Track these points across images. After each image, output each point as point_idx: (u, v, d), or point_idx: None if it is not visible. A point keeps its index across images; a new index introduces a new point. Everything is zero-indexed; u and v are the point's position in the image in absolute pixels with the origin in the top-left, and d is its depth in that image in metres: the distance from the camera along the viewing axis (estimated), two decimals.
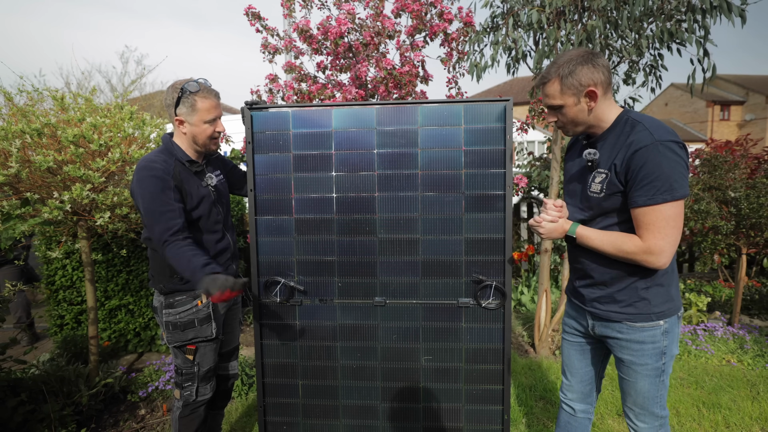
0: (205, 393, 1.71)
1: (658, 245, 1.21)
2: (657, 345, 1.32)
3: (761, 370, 2.85)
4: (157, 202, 1.45)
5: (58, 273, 3.12)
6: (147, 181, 1.46)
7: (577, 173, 1.44)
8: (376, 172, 1.79)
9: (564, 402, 1.64)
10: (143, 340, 3.26)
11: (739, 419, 2.33)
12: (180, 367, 1.67)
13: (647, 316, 1.31)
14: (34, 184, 1.98)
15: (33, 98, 2.23)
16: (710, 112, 23.52)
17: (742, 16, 2.31)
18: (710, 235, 3.40)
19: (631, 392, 1.40)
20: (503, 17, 2.88)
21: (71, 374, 2.48)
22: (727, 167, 3.35)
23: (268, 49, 2.84)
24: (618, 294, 1.34)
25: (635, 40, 2.49)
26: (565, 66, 1.27)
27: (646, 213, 1.21)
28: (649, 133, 1.20)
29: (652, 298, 1.31)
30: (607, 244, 1.29)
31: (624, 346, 1.36)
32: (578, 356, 1.55)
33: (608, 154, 1.30)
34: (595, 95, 1.27)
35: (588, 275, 1.42)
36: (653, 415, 1.39)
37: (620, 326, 1.35)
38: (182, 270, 1.46)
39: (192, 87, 1.52)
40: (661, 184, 1.17)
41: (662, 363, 1.34)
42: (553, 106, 1.33)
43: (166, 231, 1.45)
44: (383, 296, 1.83)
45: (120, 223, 2.21)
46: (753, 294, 4.01)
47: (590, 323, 1.45)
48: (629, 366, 1.37)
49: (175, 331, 1.61)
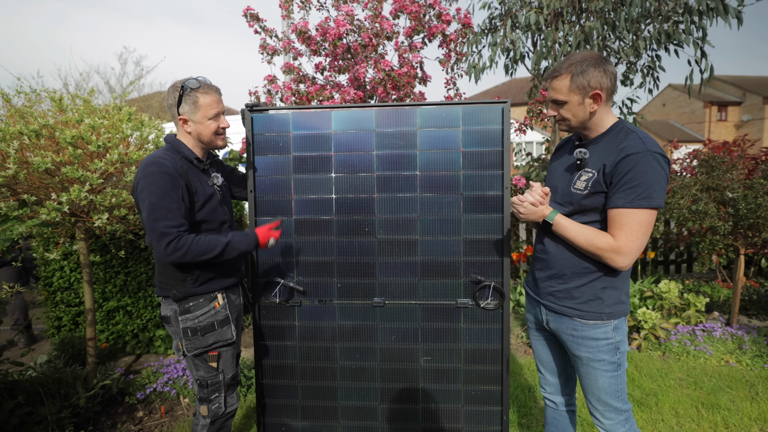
0: (233, 403, 1.63)
1: (627, 246, 1.27)
2: (610, 341, 1.40)
3: (760, 370, 2.86)
4: (166, 198, 1.40)
5: (55, 274, 3.11)
6: (157, 177, 1.41)
7: (562, 171, 1.49)
8: (375, 174, 1.80)
9: (546, 398, 1.68)
10: (141, 342, 3.25)
11: (738, 420, 2.33)
12: (203, 378, 1.57)
13: (599, 315, 1.38)
14: (32, 186, 1.98)
15: (31, 99, 2.23)
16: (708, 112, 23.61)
17: (739, 18, 2.32)
18: (708, 236, 3.41)
19: (593, 390, 1.46)
20: (501, 19, 2.89)
21: (69, 376, 2.47)
22: (725, 168, 3.36)
23: (267, 50, 2.84)
24: (576, 290, 1.40)
25: (633, 42, 2.50)
26: (578, 65, 1.31)
27: (623, 215, 1.27)
28: (641, 142, 1.26)
29: (606, 299, 1.38)
30: (581, 236, 1.33)
31: (580, 343, 1.42)
32: (544, 349, 1.61)
33: (598, 156, 1.35)
34: (599, 99, 1.32)
35: (550, 267, 1.46)
36: (617, 410, 1.45)
37: (573, 323, 1.41)
38: (210, 249, 1.46)
39: (192, 84, 1.50)
40: (642, 190, 1.23)
41: (617, 357, 1.41)
42: (557, 100, 1.37)
43: (173, 227, 1.40)
44: (382, 297, 1.83)
45: (118, 225, 2.21)
46: (751, 294, 4.02)
47: (545, 317, 1.52)
48: (587, 364, 1.43)
49: (195, 337, 1.52)
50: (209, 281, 1.56)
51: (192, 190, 1.50)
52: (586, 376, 1.45)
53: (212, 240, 1.48)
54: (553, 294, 1.46)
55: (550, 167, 1.58)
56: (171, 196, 1.41)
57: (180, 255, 1.41)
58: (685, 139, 22.51)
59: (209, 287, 1.56)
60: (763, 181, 3.17)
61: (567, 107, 1.36)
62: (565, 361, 1.62)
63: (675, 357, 3.08)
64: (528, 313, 1.64)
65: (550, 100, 1.38)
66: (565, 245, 1.41)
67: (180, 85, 1.51)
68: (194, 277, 1.53)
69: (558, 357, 1.61)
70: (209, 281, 1.56)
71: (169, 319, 1.56)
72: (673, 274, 5.30)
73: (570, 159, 1.46)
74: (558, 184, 1.48)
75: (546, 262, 1.48)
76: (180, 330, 1.54)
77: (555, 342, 1.59)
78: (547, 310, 1.49)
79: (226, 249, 1.50)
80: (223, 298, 1.59)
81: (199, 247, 1.44)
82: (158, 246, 1.40)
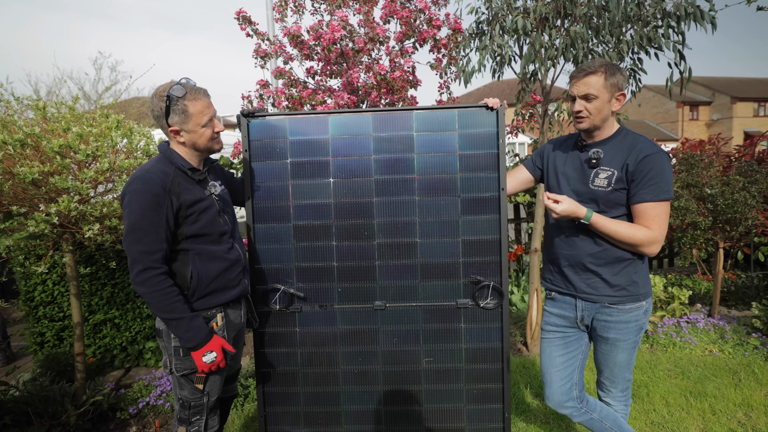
0: (213, 426, 1.57)
1: (661, 235, 1.44)
2: (639, 322, 1.55)
3: (741, 358, 2.98)
4: (145, 220, 1.34)
5: (37, 288, 3.00)
6: (140, 195, 1.34)
7: (571, 168, 1.59)
8: (374, 178, 1.81)
9: (567, 410, 1.66)
10: (130, 355, 3.16)
11: (724, 406, 2.43)
12: (187, 399, 1.51)
13: (636, 297, 1.52)
14: (16, 198, 1.91)
15: (12, 107, 2.15)
16: (680, 112, 24.55)
17: (713, 23, 2.43)
18: (689, 231, 3.54)
19: (609, 364, 1.61)
20: (488, 23, 2.95)
21: (56, 393, 2.38)
22: (704, 165, 3.50)
23: (259, 54, 2.81)
24: (613, 278, 1.52)
25: (615, 45, 2.58)
26: (610, 66, 1.46)
27: (652, 207, 1.43)
28: (652, 145, 1.46)
29: (640, 281, 1.53)
30: (622, 231, 1.45)
31: (611, 327, 1.55)
32: (560, 350, 1.66)
33: (612, 156, 1.50)
34: (622, 100, 1.49)
35: (581, 261, 1.56)
36: (625, 379, 1.63)
37: (610, 310, 1.53)
38: (160, 306, 1.36)
39: (178, 91, 1.38)
40: (664, 185, 1.42)
41: (638, 337, 1.58)
42: (588, 95, 1.47)
43: (146, 255, 1.34)
44: (383, 300, 1.84)
45: (108, 235, 2.15)
46: (729, 286, 4.19)
47: (580, 313, 1.60)
48: (613, 343, 1.56)
49: (186, 357, 1.45)
50: (207, 296, 1.49)
51: (184, 204, 1.41)
52: (607, 353, 1.58)
53: (175, 305, 1.38)
54: (591, 286, 1.55)
55: (555, 165, 1.64)
56: (150, 218, 1.35)
57: (142, 290, 1.36)
58: (661, 137, 23.35)
59: (207, 303, 1.49)
60: (738, 178, 3.32)
61: (597, 103, 1.46)
62: (577, 364, 1.67)
63: (662, 349, 3.18)
64: (550, 316, 1.69)
65: (580, 96, 1.49)
66: (592, 239, 1.52)
67: (165, 95, 1.39)
68: (191, 290, 1.45)
69: (572, 358, 1.66)
70: (207, 296, 1.49)
71: (162, 333, 1.50)
72: (656, 268, 5.47)
73: (575, 157, 1.58)
74: (569, 179, 1.58)
75: (576, 258, 1.57)
76: (171, 348, 1.47)
77: (575, 343, 1.65)
78: (584, 303, 1.58)
79: (174, 321, 1.39)
80: (222, 319, 1.52)
81: (158, 299, 1.36)
82: (130, 269, 1.36)
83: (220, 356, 1.46)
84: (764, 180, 3.38)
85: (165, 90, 1.41)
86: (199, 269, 1.46)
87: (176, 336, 1.43)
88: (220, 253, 1.52)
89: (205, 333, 1.43)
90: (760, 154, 4.50)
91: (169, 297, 1.37)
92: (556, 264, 1.64)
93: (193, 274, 1.45)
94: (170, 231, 1.40)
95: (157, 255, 1.36)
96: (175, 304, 1.38)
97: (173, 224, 1.41)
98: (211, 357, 1.43)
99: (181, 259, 1.46)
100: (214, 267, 1.50)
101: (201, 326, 1.42)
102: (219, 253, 1.52)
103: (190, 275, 1.45)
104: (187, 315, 1.40)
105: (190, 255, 1.46)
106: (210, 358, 1.43)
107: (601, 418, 1.63)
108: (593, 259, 1.53)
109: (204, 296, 1.48)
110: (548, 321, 1.70)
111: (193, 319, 1.41)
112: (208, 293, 1.49)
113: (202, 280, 1.47)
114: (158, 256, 1.36)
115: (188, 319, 1.40)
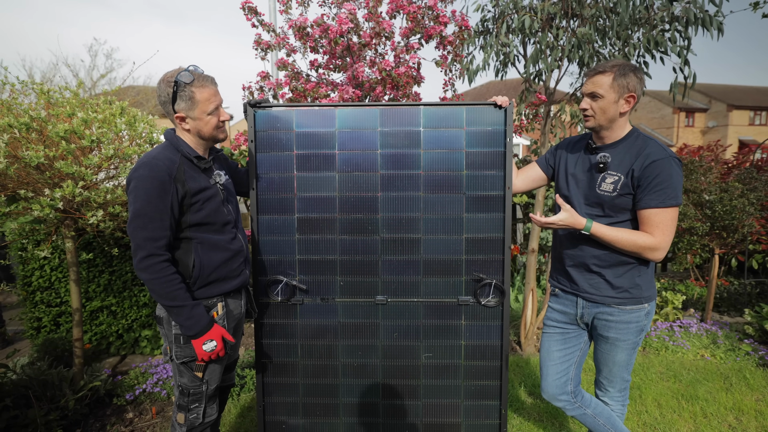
0: (212, 414, 1.58)
1: (665, 241, 1.43)
2: (640, 324, 1.55)
3: (732, 363, 3.02)
4: (150, 206, 1.34)
5: (35, 274, 2.99)
6: (146, 181, 1.34)
7: (581, 171, 1.59)
8: (379, 173, 1.81)
9: (561, 403, 1.69)
10: (126, 342, 3.16)
11: (716, 409, 2.47)
12: (186, 386, 1.51)
13: (638, 300, 1.53)
14: (21, 182, 1.90)
15: (16, 91, 2.14)
16: (676, 118, 24.64)
17: (720, 29, 2.45)
18: (686, 236, 3.58)
19: (608, 364, 1.62)
20: (494, 21, 2.95)
21: (54, 378, 2.38)
22: (702, 171, 3.53)
23: (261, 45, 2.80)
24: (616, 280, 1.53)
25: (622, 47, 2.60)
26: (622, 67, 1.44)
27: (657, 214, 1.41)
28: (662, 149, 1.43)
29: (643, 285, 1.53)
30: (623, 239, 1.45)
31: (612, 326, 1.56)
32: (559, 345, 1.69)
33: (619, 160, 1.48)
34: (632, 102, 1.46)
35: (585, 262, 1.57)
36: (623, 379, 1.65)
37: (611, 310, 1.55)
38: (162, 293, 1.36)
39: (185, 78, 1.38)
40: (670, 191, 1.40)
41: (639, 338, 1.58)
42: (595, 94, 1.47)
43: (150, 241, 1.34)
44: (385, 295, 1.85)
45: (110, 222, 2.14)
46: (722, 292, 4.24)
47: (580, 311, 1.62)
48: (613, 343, 1.58)
49: (186, 345, 1.46)
50: (209, 285, 1.50)
51: (189, 192, 1.42)
52: (606, 352, 1.60)
53: (177, 292, 1.39)
54: (594, 286, 1.57)
55: (567, 166, 1.64)
56: (156, 205, 1.35)
57: (145, 276, 1.36)
58: None
59: (208, 292, 1.50)
60: (737, 184, 3.35)
61: (602, 102, 1.46)
62: (575, 360, 1.69)
63: (655, 352, 3.22)
64: (552, 312, 1.72)
65: (587, 94, 1.49)
66: (597, 241, 1.52)
67: (173, 80, 1.39)
68: (193, 279, 1.46)
69: (569, 354, 1.68)
70: (209, 285, 1.50)
71: (162, 321, 1.51)
72: None
73: (586, 159, 1.58)
74: (578, 181, 1.59)
75: (581, 258, 1.58)
76: (171, 335, 1.48)
77: (574, 339, 1.68)
78: (586, 301, 1.60)
79: (176, 309, 1.39)
80: (222, 308, 1.53)
81: (161, 286, 1.36)
82: (134, 255, 1.37)
83: (220, 345, 1.47)
84: (763, 188, 3.42)
85: (173, 75, 1.40)
86: (201, 258, 1.47)
87: (177, 323, 1.43)
88: (222, 242, 1.52)
89: (206, 322, 1.44)
90: (758, 162, 4.55)
91: (172, 284, 1.38)
92: (561, 262, 1.67)
93: (196, 263, 1.46)
94: (174, 219, 1.41)
95: (161, 242, 1.36)
96: (177, 292, 1.38)
97: (177, 212, 1.41)
98: (211, 346, 1.44)
99: (184, 248, 1.46)
100: (217, 257, 1.50)
101: (202, 315, 1.43)
102: (222, 243, 1.52)
103: (193, 264, 1.46)
104: (188, 303, 1.40)
105: (192, 244, 1.47)
106: (210, 346, 1.44)
107: (595, 415, 1.66)
108: (597, 260, 1.54)
109: (205, 285, 1.49)
110: (550, 317, 1.73)
111: (195, 308, 1.42)
112: (210, 282, 1.50)
113: (204, 269, 1.47)
114: (162, 242, 1.37)
115: (189, 307, 1.40)
